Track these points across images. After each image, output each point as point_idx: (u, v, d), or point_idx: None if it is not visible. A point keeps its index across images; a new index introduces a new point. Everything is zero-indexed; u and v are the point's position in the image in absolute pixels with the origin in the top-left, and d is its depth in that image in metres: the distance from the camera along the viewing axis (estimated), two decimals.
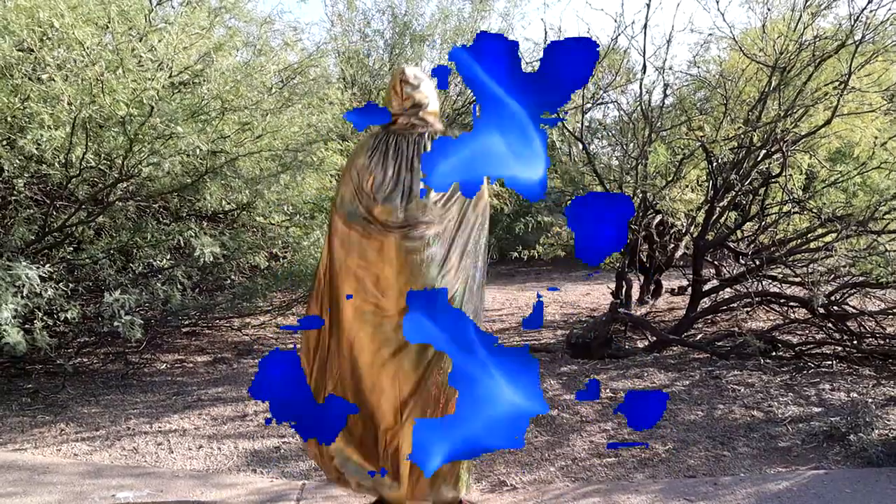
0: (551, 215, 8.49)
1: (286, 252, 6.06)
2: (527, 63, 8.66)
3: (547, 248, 7.50)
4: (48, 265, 3.78)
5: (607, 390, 4.49)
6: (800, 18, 5.02)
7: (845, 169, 5.58)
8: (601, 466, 3.36)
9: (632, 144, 5.87)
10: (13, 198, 4.45)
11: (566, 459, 3.44)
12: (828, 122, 5.02)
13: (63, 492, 3.05)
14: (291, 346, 5.80)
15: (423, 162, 2.38)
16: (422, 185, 2.53)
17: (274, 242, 5.72)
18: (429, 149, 2.60)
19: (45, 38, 4.01)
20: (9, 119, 3.96)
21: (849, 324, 5.06)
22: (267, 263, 5.82)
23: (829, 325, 5.16)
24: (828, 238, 5.35)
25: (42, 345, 3.72)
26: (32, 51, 3.97)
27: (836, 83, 5.08)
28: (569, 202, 7.69)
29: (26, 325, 3.72)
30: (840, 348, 5.02)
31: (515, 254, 7.23)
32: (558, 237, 7.49)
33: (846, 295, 5.14)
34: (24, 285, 3.58)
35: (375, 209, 2.58)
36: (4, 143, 4.02)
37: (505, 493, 3.08)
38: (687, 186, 6.09)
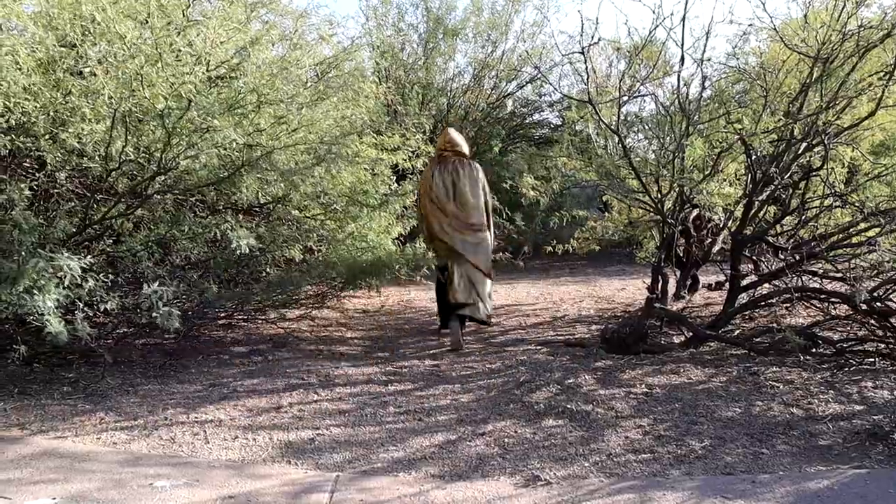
0: (586, 209, 8.44)
1: (321, 245, 6.10)
2: (563, 56, 8.59)
3: (581, 243, 7.45)
4: (89, 257, 3.84)
5: (643, 386, 4.44)
6: (843, 8, 4.90)
7: (889, 162, 5.44)
8: (636, 462, 3.33)
9: (669, 138, 5.79)
10: (55, 191, 4.54)
11: (601, 455, 3.42)
12: (872, 114, 4.90)
13: (102, 479, 3.10)
14: (325, 337, 5.85)
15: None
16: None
17: (309, 235, 5.76)
18: (464, 170, 5.97)
19: (86, 33, 4.07)
20: (51, 113, 4.03)
21: (892, 320, 4.93)
22: (302, 256, 5.86)
23: (872, 321, 5.04)
24: (870, 233, 5.23)
25: (83, 335, 3.77)
26: (74, 45, 4.03)
27: (881, 73, 4.96)
28: (604, 196, 7.68)
29: (68, 316, 3.78)
30: (883, 345, 4.90)
31: (550, 248, 7.19)
32: (593, 231, 7.44)
33: (890, 291, 5.02)
34: (65, 276, 3.64)
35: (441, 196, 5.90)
36: (47, 136, 4.09)
37: (539, 488, 3.06)
38: (725, 180, 5.99)
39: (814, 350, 5.02)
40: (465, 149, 6.09)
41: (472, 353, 5.44)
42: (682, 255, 7.06)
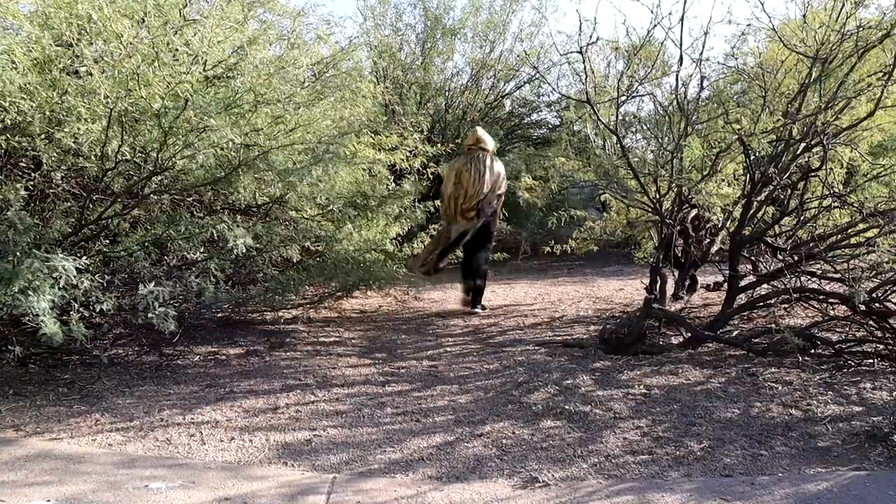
0: (584, 209, 8.43)
1: (318, 245, 6.08)
2: (561, 55, 8.58)
3: (580, 243, 7.44)
4: (84, 257, 3.82)
5: (641, 387, 4.43)
6: (842, 8, 4.89)
7: (888, 162, 5.43)
8: (635, 464, 3.31)
9: (667, 138, 5.77)
10: (51, 191, 4.52)
11: (599, 456, 3.40)
12: (871, 115, 4.89)
13: (97, 481, 3.08)
14: (323, 338, 5.83)
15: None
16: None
17: (306, 236, 5.74)
18: (486, 162, 6.89)
19: (82, 33, 4.05)
20: (47, 113, 4.01)
21: (891, 321, 4.93)
22: (299, 257, 5.84)
23: (871, 322, 5.03)
24: (869, 233, 5.22)
25: (78, 336, 3.75)
26: (70, 45, 4.01)
27: (880, 74, 4.95)
28: (602, 196, 7.75)
29: (63, 317, 3.76)
30: (882, 346, 4.90)
31: (548, 248, 7.18)
32: (591, 231, 7.42)
33: (888, 292, 5.01)
34: (61, 277, 3.62)
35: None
36: (43, 136, 4.07)
37: (537, 490, 3.05)
38: (723, 180, 5.98)
39: (812, 351, 5.01)
40: (490, 145, 7.08)
41: (469, 354, 5.42)
42: (680, 255, 7.04)
